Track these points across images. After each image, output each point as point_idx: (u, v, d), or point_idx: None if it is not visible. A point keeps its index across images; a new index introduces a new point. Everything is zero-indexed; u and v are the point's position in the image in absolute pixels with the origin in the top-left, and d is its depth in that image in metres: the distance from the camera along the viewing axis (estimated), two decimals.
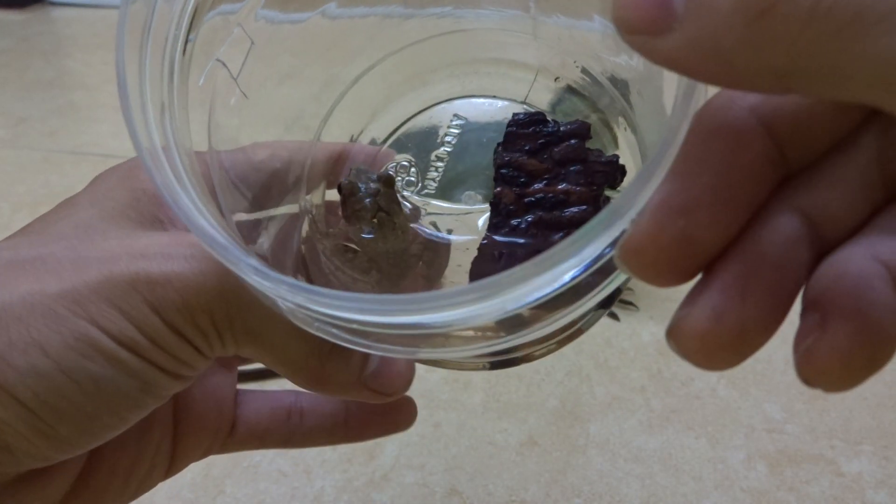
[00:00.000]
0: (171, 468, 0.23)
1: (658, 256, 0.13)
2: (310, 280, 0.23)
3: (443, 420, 0.39)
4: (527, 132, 0.23)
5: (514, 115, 0.24)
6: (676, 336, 0.13)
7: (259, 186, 0.22)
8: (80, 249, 0.17)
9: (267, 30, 0.22)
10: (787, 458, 0.37)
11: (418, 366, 0.24)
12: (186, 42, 0.18)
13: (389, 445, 0.38)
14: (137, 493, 0.21)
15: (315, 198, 0.25)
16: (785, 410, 0.39)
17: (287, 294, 0.14)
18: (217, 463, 0.37)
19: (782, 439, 0.38)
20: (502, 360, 0.23)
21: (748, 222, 0.13)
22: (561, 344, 0.22)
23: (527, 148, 0.23)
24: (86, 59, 0.86)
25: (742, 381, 0.41)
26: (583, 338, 0.24)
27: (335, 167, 0.25)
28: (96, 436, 0.17)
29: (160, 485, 0.22)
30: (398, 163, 0.25)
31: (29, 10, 1.01)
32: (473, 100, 0.26)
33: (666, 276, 0.13)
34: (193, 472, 0.36)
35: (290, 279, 0.14)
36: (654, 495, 0.35)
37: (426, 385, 0.41)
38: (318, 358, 0.19)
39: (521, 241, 0.22)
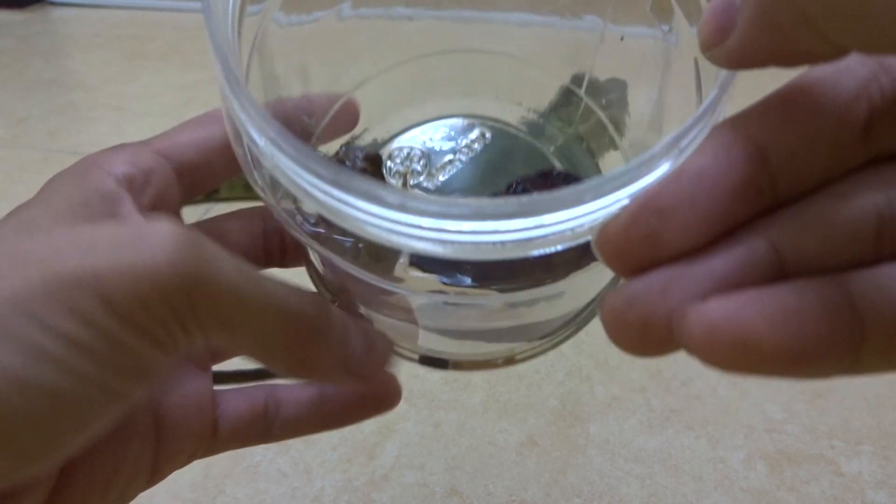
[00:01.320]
0: (154, 476, 0.21)
1: (624, 247, 0.14)
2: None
3: (443, 420, 0.39)
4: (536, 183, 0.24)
5: (523, 177, 0.24)
6: (602, 307, 0.15)
7: None
8: (21, 246, 0.15)
9: (277, 31, 0.22)
10: (787, 458, 0.37)
11: (416, 365, 0.24)
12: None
13: (389, 445, 0.38)
14: None
15: None
16: (785, 410, 0.39)
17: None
18: (217, 463, 0.37)
19: (782, 439, 0.38)
20: (433, 358, 0.23)
21: (718, 238, 0.14)
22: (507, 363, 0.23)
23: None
24: (86, 59, 0.86)
25: (742, 381, 0.41)
26: (583, 337, 0.24)
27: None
28: (59, 449, 0.15)
29: (160, 484, 0.22)
30: (412, 148, 0.25)
31: (29, 10, 1.01)
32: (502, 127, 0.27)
33: (627, 267, 0.14)
34: (193, 473, 0.36)
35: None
36: (654, 495, 0.35)
37: (426, 385, 0.41)
38: (298, 339, 0.18)
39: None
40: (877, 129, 0.14)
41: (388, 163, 0.25)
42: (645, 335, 0.15)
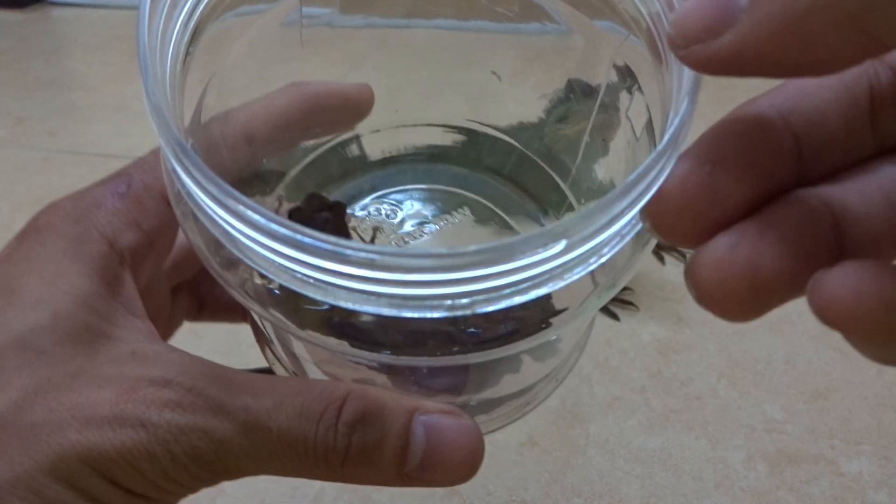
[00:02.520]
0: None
1: (682, 204, 0.13)
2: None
3: None
4: None
5: None
6: (693, 268, 0.13)
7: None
8: (25, 414, 0.16)
9: (275, 32, 0.22)
10: (787, 458, 0.37)
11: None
12: (187, 54, 0.18)
13: None
14: None
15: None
16: (785, 410, 0.39)
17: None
18: None
19: (782, 439, 0.38)
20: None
21: (770, 198, 0.13)
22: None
23: None
24: (86, 59, 0.86)
25: (742, 381, 0.41)
26: None
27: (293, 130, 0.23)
28: None
29: None
30: (383, 207, 0.24)
31: (29, 10, 1.01)
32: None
33: (687, 227, 0.13)
34: None
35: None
36: (654, 495, 0.35)
37: None
38: (331, 469, 0.17)
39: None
40: (881, 115, 0.14)
41: (362, 213, 0.24)
42: (757, 282, 0.13)
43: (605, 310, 0.46)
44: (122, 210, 0.19)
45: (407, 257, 0.13)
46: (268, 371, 0.41)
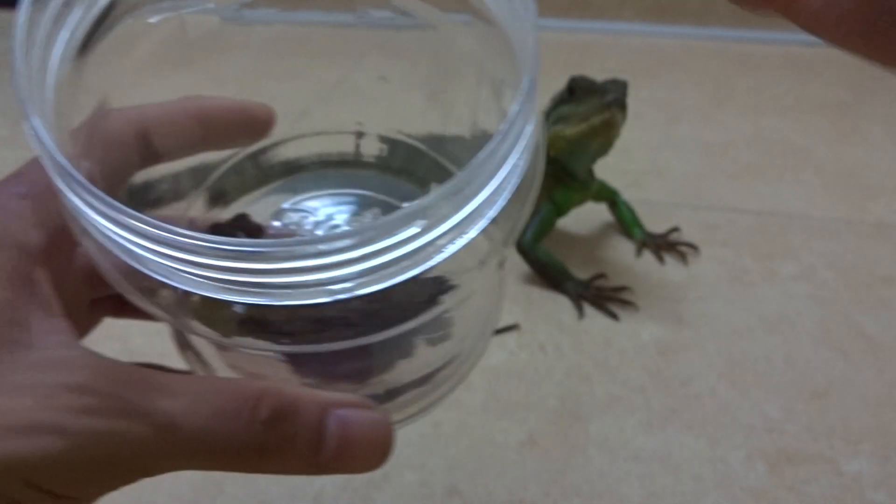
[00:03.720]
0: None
1: None
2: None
3: (443, 419, 0.39)
4: None
5: None
6: None
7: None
8: None
9: (266, 30, 0.22)
10: (786, 457, 0.37)
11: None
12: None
13: None
14: None
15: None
16: (785, 410, 0.40)
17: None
18: None
19: (782, 439, 0.38)
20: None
21: None
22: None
23: None
24: None
25: (742, 381, 0.41)
26: (583, 337, 0.24)
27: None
28: None
29: (160, 484, 0.22)
30: (306, 213, 0.25)
31: None
32: None
33: None
34: (193, 472, 0.36)
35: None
36: (654, 495, 0.35)
37: None
38: (248, 463, 0.18)
39: None
40: None
41: (277, 223, 0.25)
42: None
43: (605, 310, 0.46)
44: (25, 210, 0.19)
45: (283, 247, 0.14)
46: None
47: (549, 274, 0.48)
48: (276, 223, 0.25)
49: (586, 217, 0.54)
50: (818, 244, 0.52)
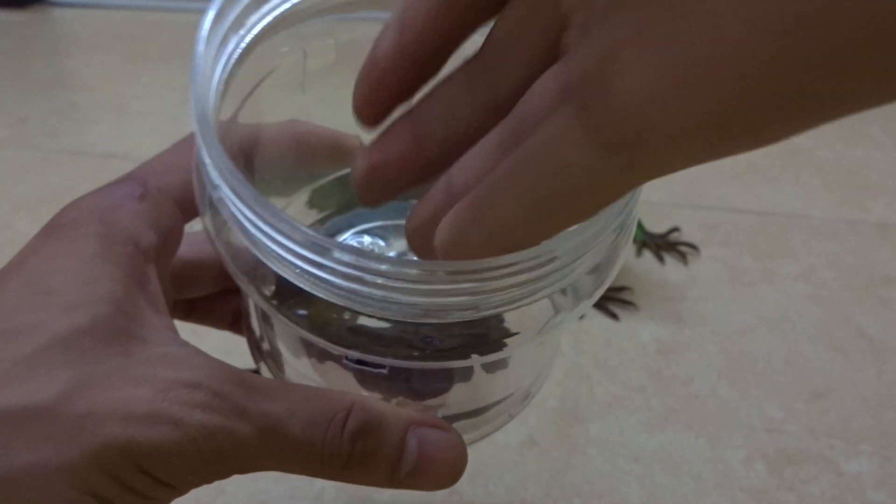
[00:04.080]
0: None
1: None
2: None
3: None
4: None
5: None
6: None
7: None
8: (70, 405, 0.17)
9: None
10: (786, 457, 0.37)
11: None
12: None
13: None
14: None
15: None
16: (785, 410, 0.40)
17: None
18: None
19: (782, 439, 0.38)
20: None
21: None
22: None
23: None
24: (86, 59, 0.86)
25: (742, 381, 0.41)
26: (583, 337, 0.24)
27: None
28: None
29: None
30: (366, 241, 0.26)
31: (29, 10, 1.01)
32: None
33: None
34: None
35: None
36: (654, 495, 0.35)
37: None
38: (332, 471, 0.19)
39: None
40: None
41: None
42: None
43: (605, 310, 0.46)
44: (141, 212, 0.21)
45: (432, 269, 0.16)
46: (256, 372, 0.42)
47: None
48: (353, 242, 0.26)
49: None
50: (818, 244, 0.52)
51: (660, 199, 0.57)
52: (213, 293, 0.27)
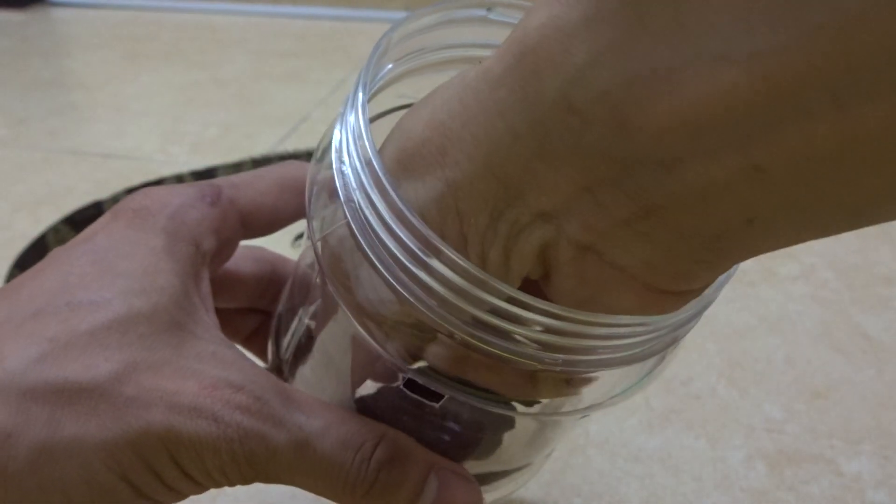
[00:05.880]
0: None
1: None
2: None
3: None
4: None
5: None
6: None
7: None
8: (120, 386, 0.18)
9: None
10: (786, 457, 0.37)
11: None
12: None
13: None
14: None
15: None
16: (785, 410, 0.40)
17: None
18: None
19: (782, 439, 0.38)
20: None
21: None
22: None
23: None
24: (86, 59, 0.86)
25: (742, 381, 0.41)
26: None
27: None
28: None
29: None
30: None
31: (29, 10, 1.01)
32: None
33: None
34: None
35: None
36: (654, 495, 0.35)
37: None
38: (353, 496, 0.19)
39: None
40: None
41: None
42: None
43: None
44: (209, 216, 0.22)
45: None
46: None
47: None
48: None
49: None
50: (818, 244, 0.52)
51: None
52: (239, 308, 0.27)
